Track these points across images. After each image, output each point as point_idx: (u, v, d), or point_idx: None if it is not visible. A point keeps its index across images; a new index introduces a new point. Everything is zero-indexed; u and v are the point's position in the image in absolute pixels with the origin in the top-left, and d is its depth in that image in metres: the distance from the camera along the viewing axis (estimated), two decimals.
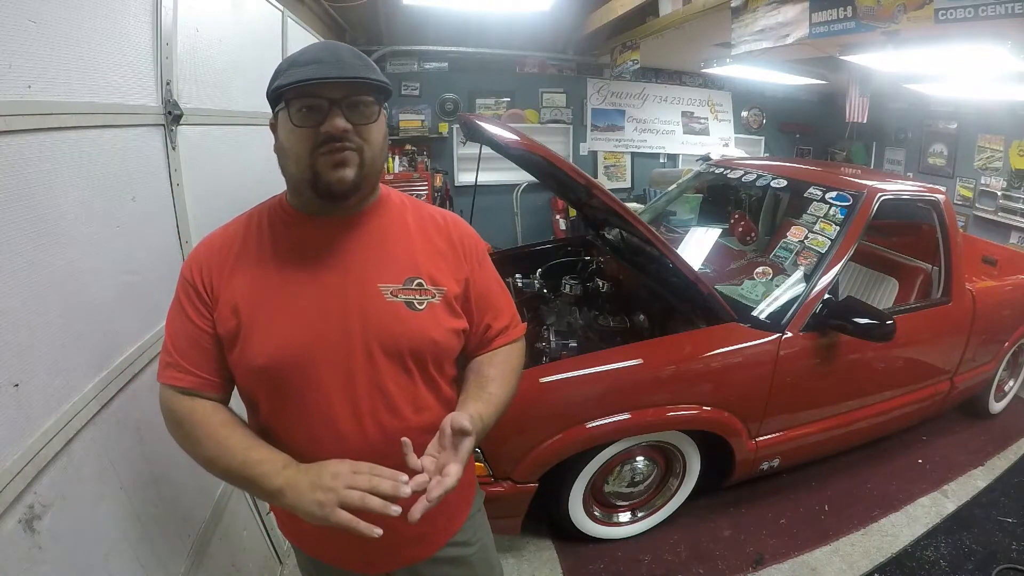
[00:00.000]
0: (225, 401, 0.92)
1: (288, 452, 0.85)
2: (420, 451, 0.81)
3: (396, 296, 0.89)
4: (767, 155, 6.40)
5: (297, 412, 0.87)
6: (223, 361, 0.89)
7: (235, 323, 0.86)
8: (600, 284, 2.67)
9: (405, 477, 0.76)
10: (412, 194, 1.12)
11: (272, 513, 1.09)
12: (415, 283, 0.90)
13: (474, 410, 0.87)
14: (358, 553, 0.99)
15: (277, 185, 0.94)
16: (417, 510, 0.74)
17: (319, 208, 0.89)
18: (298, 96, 0.80)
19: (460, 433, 0.80)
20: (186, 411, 0.87)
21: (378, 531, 0.73)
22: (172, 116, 1.41)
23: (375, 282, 0.89)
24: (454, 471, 0.77)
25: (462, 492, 1.06)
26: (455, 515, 1.07)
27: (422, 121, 5.43)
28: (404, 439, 0.78)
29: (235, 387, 0.94)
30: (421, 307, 0.90)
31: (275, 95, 0.83)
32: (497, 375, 0.98)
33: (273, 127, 0.88)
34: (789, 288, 2.13)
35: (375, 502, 0.74)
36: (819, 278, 2.09)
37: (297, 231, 0.90)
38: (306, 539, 1.04)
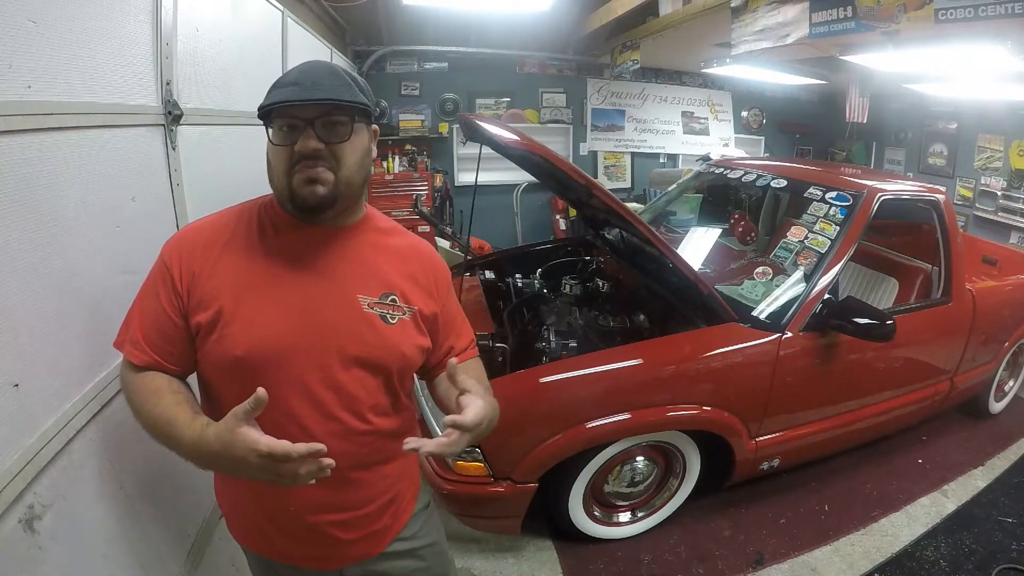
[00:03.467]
0: (177, 375, 0.94)
1: None
2: (376, 454, 0.96)
3: (372, 308, 0.94)
4: (767, 155, 6.40)
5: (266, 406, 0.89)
6: (183, 349, 0.91)
7: (215, 311, 0.88)
8: (600, 284, 2.67)
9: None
10: (412, 194, 1.15)
11: (223, 518, 1.10)
12: (390, 299, 0.96)
13: (488, 399, 0.94)
14: (308, 549, 1.01)
15: None
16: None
17: (305, 218, 0.93)
18: (278, 116, 0.86)
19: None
20: (132, 382, 0.91)
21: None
22: (172, 116, 1.41)
23: (355, 292, 0.93)
24: (475, 400, 0.87)
25: (409, 490, 1.12)
26: (401, 512, 1.11)
27: (422, 121, 5.43)
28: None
29: (196, 376, 0.96)
30: (393, 321, 0.95)
31: (261, 114, 0.88)
32: (483, 389, 1.00)
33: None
34: (789, 288, 2.13)
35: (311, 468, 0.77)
36: (819, 278, 2.09)
37: (287, 234, 0.94)
38: (255, 539, 1.05)
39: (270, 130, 0.88)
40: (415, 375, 1.08)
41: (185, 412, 0.85)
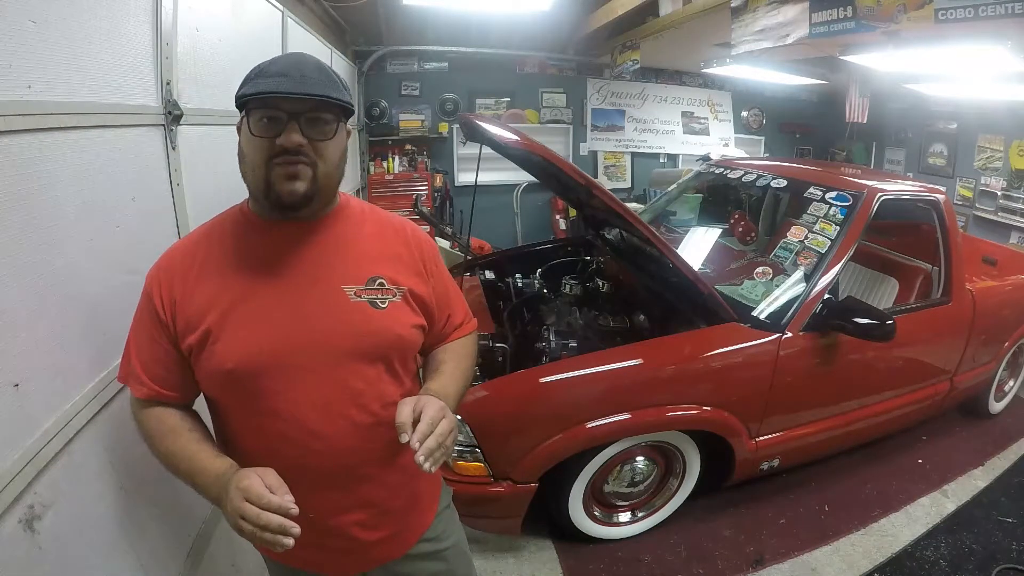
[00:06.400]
0: (184, 406, 0.96)
1: (260, 452, 0.88)
2: (389, 446, 0.91)
3: (360, 296, 0.92)
4: (767, 155, 6.40)
5: (267, 413, 0.89)
6: (181, 374, 0.92)
7: (202, 331, 0.87)
8: (600, 284, 2.67)
9: (295, 527, 0.76)
10: (412, 194, 1.15)
11: None
12: (377, 283, 0.94)
13: (432, 387, 0.96)
14: (331, 554, 0.99)
15: None
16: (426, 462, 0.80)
17: (279, 215, 0.91)
18: (260, 106, 0.83)
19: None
20: (143, 417, 0.93)
21: (288, 542, 0.75)
22: (172, 116, 1.41)
23: (339, 284, 0.92)
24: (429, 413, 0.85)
25: (430, 488, 1.11)
26: (425, 512, 1.09)
27: (422, 121, 5.43)
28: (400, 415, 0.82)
29: (200, 394, 0.96)
30: (384, 305, 0.93)
31: (240, 102, 0.85)
32: (449, 357, 1.07)
33: (239, 130, 0.90)
34: (789, 288, 2.13)
35: (268, 536, 0.76)
36: (819, 278, 2.09)
37: (260, 237, 0.93)
38: None
39: (249, 119, 0.84)
40: (418, 355, 1.07)
41: (207, 449, 0.89)
